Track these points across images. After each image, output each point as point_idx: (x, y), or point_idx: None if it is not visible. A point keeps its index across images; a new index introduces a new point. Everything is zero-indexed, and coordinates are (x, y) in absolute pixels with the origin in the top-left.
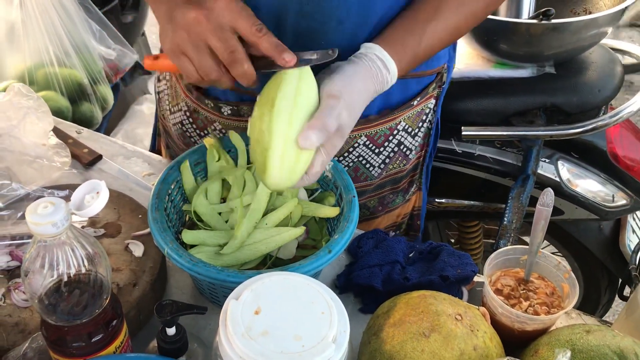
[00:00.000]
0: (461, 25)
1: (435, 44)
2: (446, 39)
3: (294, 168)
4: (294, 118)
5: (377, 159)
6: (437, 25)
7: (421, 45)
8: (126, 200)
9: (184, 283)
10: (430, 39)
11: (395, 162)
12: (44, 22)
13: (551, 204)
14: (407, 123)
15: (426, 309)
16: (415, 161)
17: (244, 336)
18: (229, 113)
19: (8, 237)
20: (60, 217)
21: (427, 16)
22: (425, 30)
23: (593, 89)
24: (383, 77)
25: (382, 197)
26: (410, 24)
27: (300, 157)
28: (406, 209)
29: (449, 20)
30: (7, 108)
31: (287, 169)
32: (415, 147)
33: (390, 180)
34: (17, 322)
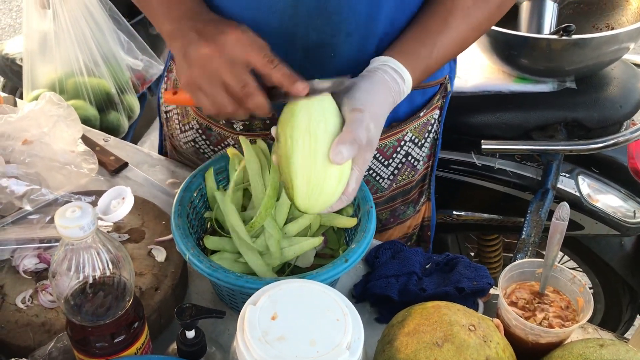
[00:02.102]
0: (469, 36)
1: (446, 54)
2: (455, 50)
3: (322, 188)
4: (317, 138)
5: (387, 170)
6: (447, 36)
7: (432, 55)
8: (150, 206)
9: (204, 288)
10: (441, 49)
11: (404, 173)
12: (75, 33)
13: (567, 217)
14: (414, 134)
15: (440, 319)
16: (424, 171)
17: (260, 340)
18: (241, 129)
19: (36, 240)
20: (87, 221)
21: (437, 28)
22: (436, 41)
23: (614, 104)
24: (399, 88)
25: (394, 209)
26: (422, 36)
27: (328, 175)
28: (416, 219)
29: (457, 31)
30: (38, 116)
31: (316, 191)
32: (423, 158)
33: (401, 192)
34: (43, 322)
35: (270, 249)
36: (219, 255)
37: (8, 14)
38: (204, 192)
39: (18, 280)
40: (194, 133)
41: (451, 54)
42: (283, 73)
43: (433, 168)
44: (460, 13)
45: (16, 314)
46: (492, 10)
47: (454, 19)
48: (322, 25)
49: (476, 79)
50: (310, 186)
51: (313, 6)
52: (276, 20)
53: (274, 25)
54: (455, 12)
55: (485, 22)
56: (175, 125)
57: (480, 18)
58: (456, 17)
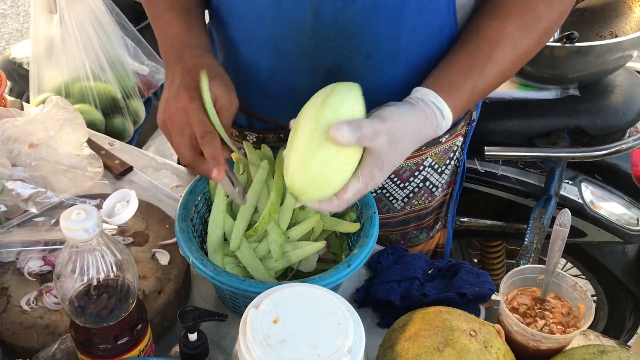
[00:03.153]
0: (514, 66)
1: (491, 86)
2: (501, 80)
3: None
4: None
5: (401, 193)
6: (493, 69)
7: (477, 90)
8: (154, 210)
9: (207, 292)
10: (486, 82)
11: (420, 198)
12: (82, 38)
13: (568, 224)
14: (434, 159)
15: (441, 324)
16: (442, 199)
17: (262, 344)
18: (254, 141)
19: (42, 242)
20: (92, 224)
21: (482, 62)
22: (481, 75)
23: (618, 111)
24: (438, 122)
25: (406, 233)
26: (466, 69)
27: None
28: (429, 245)
29: (503, 63)
30: (45, 119)
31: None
32: (442, 185)
33: (415, 216)
34: (47, 324)
35: (272, 253)
36: (222, 258)
37: (15, 18)
38: (207, 196)
39: (23, 282)
40: None
41: (496, 85)
42: (209, 152)
43: (453, 195)
44: (507, 45)
45: (21, 315)
46: (539, 38)
47: (501, 52)
48: (340, 47)
49: None
50: (304, 163)
51: (332, 28)
52: (294, 40)
53: (292, 45)
54: (502, 44)
55: (532, 49)
56: None
57: (527, 47)
58: (503, 49)
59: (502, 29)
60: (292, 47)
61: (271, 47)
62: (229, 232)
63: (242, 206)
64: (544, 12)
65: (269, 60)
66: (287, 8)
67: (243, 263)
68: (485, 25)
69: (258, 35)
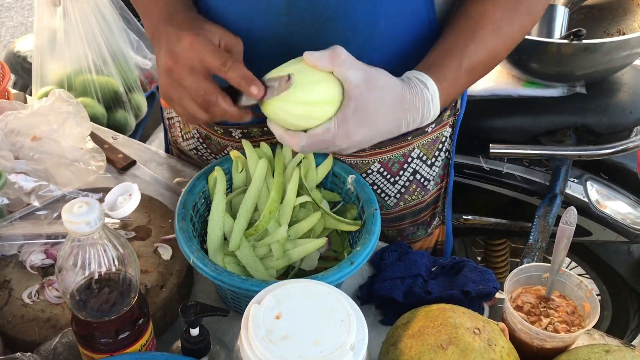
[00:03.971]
0: (500, 48)
1: (477, 66)
2: (488, 61)
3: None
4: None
5: (393, 188)
6: (476, 49)
7: (462, 67)
8: (157, 204)
9: (209, 288)
10: (470, 61)
11: (413, 193)
12: (85, 31)
13: (574, 222)
14: (422, 151)
15: (445, 321)
16: (436, 193)
17: (264, 339)
18: (239, 136)
19: (44, 235)
20: (94, 217)
21: (464, 42)
22: (465, 53)
23: (624, 110)
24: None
25: (402, 229)
26: (448, 49)
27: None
28: (428, 242)
29: (487, 43)
30: (48, 112)
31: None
32: (434, 178)
33: (410, 212)
34: (49, 317)
35: (274, 252)
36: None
37: (20, 12)
38: (207, 194)
39: (25, 276)
40: (195, 142)
41: (483, 67)
42: (237, 74)
43: (447, 190)
44: (488, 26)
45: (22, 308)
46: (523, 20)
47: (482, 32)
48: (317, 33)
49: (485, 82)
50: (278, 69)
51: (307, 12)
52: (270, 28)
53: (268, 33)
54: (484, 24)
55: (517, 32)
56: (177, 132)
57: (511, 28)
58: (485, 29)
59: (482, 10)
60: (267, 34)
61: (246, 35)
62: (229, 231)
63: (241, 205)
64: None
65: (245, 48)
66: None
67: (243, 263)
68: (468, 8)
69: (233, 22)
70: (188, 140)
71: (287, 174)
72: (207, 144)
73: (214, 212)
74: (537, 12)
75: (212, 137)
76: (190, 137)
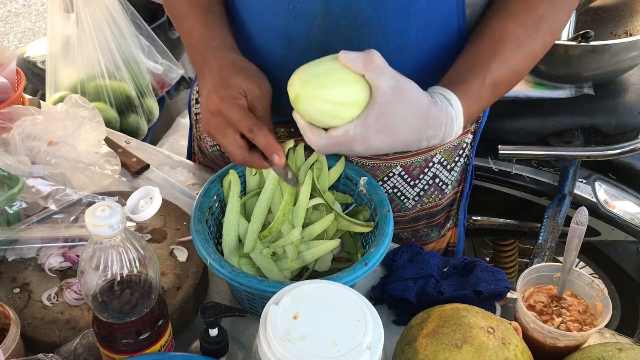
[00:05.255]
0: (522, 65)
1: (500, 83)
2: (511, 78)
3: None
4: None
5: (412, 191)
6: (498, 65)
7: (485, 84)
8: (172, 207)
9: (224, 289)
10: (494, 79)
11: (430, 195)
12: (97, 37)
13: (585, 222)
14: (443, 156)
15: (459, 321)
16: (453, 196)
17: (282, 339)
18: None
19: (61, 239)
20: (117, 220)
21: (485, 59)
22: (487, 71)
23: (632, 110)
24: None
25: (417, 230)
26: (470, 65)
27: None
28: (441, 244)
29: (509, 60)
30: (64, 117)
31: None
32: (452, 182)
33: (426, 214)
34: (68, 319)
35: (288, 254)
36: (238, 259)
37: (28, 17)
38: (221, 197)
39: (44, 278)
40: None
41: (505, 84)
42: (262, 141)
43: (463, 194)
44: (510, 44)
45: (42, 310)
46: (544, 37)
47: (505, 49)
48: (349, 37)
49: None
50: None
51: (341, 17)
52: (305, 30)
53: (303, 34)
54: (505, 42)
55: (539, 50)
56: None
57: (533, 46)
58: (506, 47)
59: (504, 27)
60: (302, 37)
61: (282, 37)
62: (244, 234)
63: (256, 208)
64: (545, 11)
65: (280, 50)
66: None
67: (257, 264)
68: (488, 26)
69: (270, 25)
70: None
71: (300, 176)
72: None
73: (229, 214)
74: (558, 30)
75: None
76: None
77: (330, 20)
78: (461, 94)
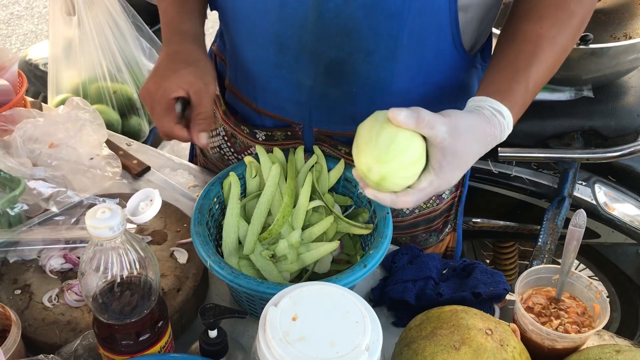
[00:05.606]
0: (556, 62)
1: (539, 85)
2: (546, 78)
3: (391, 145)
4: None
5: None
6: (538, 69)
7: (528, 90)
8: (172, 209)
9: (224, 290)
10: (534, 82)
11: (428, 201)
12: (99, 39)
13: (583, 224)
14: None
15: (457, 322)
16: (450, 201)
17: (281, 341)
18: (263, 138)
19: (62, 240)
20: (117, 222)
21: (526, 64)
22: (528, 76)
23: (632, 113)
24: (500, 122)
25: (415, 236)
26: (513, 73)
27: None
28: (439, 248)
29: (547, 62)
30: (65, 120)
31: (383, 145)
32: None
33: (424, 219)
34: (69, 320)
35: (287, 255)
36: (237, 261)
37: (30, 20)
38: (221, 199)
39: (45, 280)
40: (220, 139)
41: (543, 83)
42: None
43: (460, 198)
44: (547, 44)
45: (43, 312)
46: (575, 32)
47: (542, 52)
48: (341, 43)
49: None
50: (371, 141)
51: (332, 23)
52: (297, 36)
53: (295, 40)
54: (542, 44)
55: (569, 44)
56: None
57: (565, 43)
58: (544, 49)
59: (539, 29)
60: (295, 42)
61: (275, 42)
62: (244, 236)
63: (255, 210)
64: (576, 7)
65: (273, 55)
66: (290, 4)
67: (257, 266)
68: (523, 29)
69: (262, 31)
70: (213, 137)
71: (300, 178)
72: (232, 143)
73: (229, 216)
74: (586, 22)
75: (237, 136)
76: (216, 134)
77: (321, 26)
78: (510, 103)
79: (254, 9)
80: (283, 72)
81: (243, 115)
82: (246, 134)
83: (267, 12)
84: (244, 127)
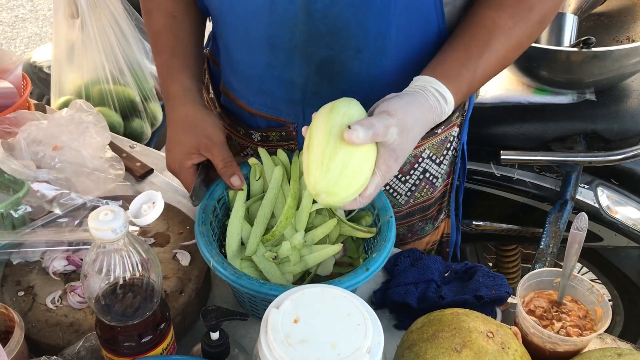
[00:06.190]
0: (509, 56)
1: (488, 75)
2: (497, 69)
3: (335, 172)
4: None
5: (404, 187)
6: (489, 58)
7: (475, 78)
8: (175, 212)
9: (227, 292)
10: (483, 71)
11: (422, 190)
12: (102, 42)
13: (585, 227)
14: (432, 151)
15: (459, 325)
16: (443, 189)
17: (283, 343)
18: (258, 139)
19: (65, 242)
20: (120, 224)
21: (479, 51)
22: (478, 63)
23: (634, 116)
24: (440, 109)
25: (412, 225)
26: (464, 59)
27: (342, 161)
28: (435, 235)
29: (499, 51)
30: (69, 122)
31: (328, 174)
32: (442, 175)
33: (419, 208)
34: (72, 322)
35: (290, 257)
36: (240, 262)
37: (35, 22)
38: (225, 200)
39: (48, 281)
40: None
41: (492, 74)
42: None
43: (453, 185)
44: (501, 35)
45: (46, 313)
46: (532, 28)
47: (496, 41)
48: (331, 41)
49: (496, 90)
50: (324, 169)
51: (321, 22)
52: (288, 36)
53: (286, 40)
54: (497, 33)
55: (526, 40)
56: None
57: (521, 37)
58: (498, 38)
59: (496, 17)
60: (285, 43)
61: (267, 43)
62: (247, 237)
63: (259, 212)
64: (537, 2)
65: (265, 55)
66: (280, 5)
67: (260, 268)
68: (481, 14)
69: (254, 32)
70: None
71: (303, 181)
72: (228, 145)
73: (233, 218)
74: (547, 21)
75: (233, 137)
76: None
77: (311, 26)
78: (455, 89)
79: (245, 10)
80: (276, 72)
81: (238, 116)
82: (242, 135)
83: (258, 13)
84: (239, 129)
